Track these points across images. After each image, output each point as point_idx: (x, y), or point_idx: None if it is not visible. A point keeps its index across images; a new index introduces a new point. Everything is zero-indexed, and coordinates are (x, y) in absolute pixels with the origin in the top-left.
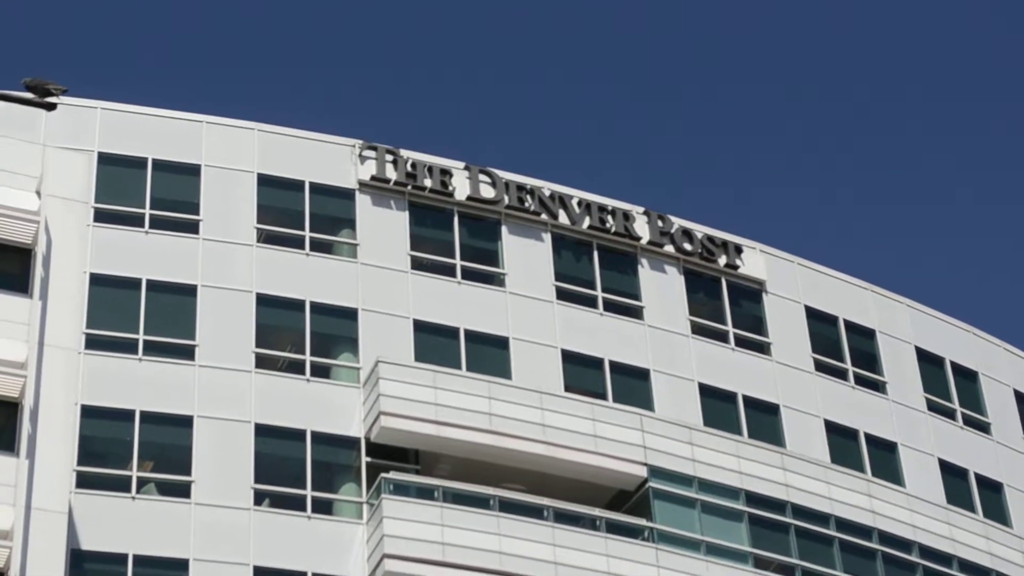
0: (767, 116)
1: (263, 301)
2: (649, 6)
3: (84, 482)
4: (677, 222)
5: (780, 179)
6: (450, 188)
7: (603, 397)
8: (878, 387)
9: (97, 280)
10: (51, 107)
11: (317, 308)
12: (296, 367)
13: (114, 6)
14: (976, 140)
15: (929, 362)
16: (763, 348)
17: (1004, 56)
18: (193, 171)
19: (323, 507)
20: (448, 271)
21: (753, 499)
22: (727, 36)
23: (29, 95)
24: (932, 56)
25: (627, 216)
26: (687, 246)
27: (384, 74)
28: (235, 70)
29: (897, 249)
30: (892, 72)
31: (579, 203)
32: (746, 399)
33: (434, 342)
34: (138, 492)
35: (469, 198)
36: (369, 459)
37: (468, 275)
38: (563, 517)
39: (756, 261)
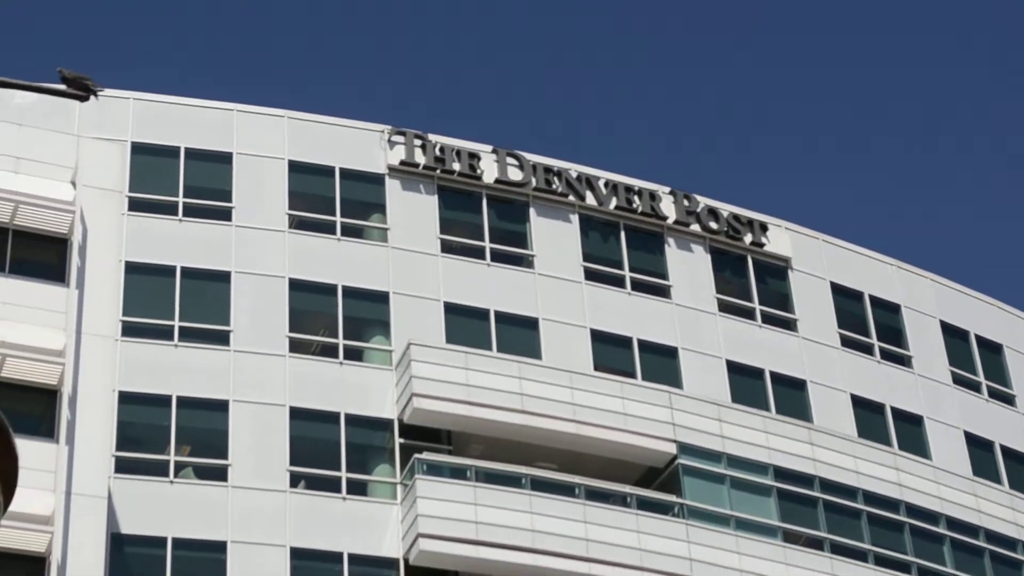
0: (791, 94)
1: (296, 286)
2: None
3: (123, 467)
4: (703, 201)
5: (804, 157)
6: (478, 171)
7: (632, 376)
8: (903, 361)
9: (132, 268)
10: (84, 98)
11: (349, 292)
12: (329, 351)
13: None
14: (999, 112)
15: (954, 335)
16: (789, 324)
17: None
18: (225, 159)
19: (358, 488)
20: (477, 253)
21: (781, 474)
22: (752, 15)
23: (63, 87)
24: (956, 28)
25: (653, 196)
26: (713, 225)
27: (411, 59)
28: (265, 59)
29: (921, 224)
30: (916, 46)
31: (606, 184)
32: (773, 375)
33: (465, 324)
34: (176, 476)
35: (497, 181)
36: (402, 440)
37: (497, 257)
38: (594, 495)
39: (781, 238)
